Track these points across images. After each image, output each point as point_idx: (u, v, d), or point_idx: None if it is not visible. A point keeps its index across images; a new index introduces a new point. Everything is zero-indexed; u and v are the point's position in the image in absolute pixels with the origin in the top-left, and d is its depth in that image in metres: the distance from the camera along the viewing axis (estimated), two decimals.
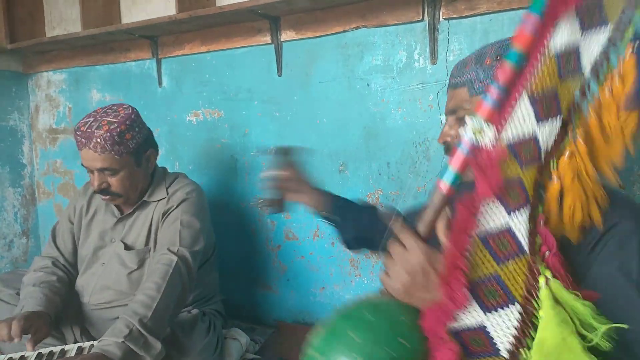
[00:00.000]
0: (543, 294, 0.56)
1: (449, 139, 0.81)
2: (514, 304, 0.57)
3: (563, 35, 0.54)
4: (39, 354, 1.17)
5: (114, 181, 1.27)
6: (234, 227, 1.85)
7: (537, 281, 0.57)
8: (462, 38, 1.40)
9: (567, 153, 0.56)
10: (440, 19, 1.41)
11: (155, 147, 1.40)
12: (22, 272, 1.50)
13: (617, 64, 0.54)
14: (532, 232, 0.58)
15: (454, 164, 0.61)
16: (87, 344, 1.20)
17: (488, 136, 0.57)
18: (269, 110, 1.74)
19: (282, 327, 1.75)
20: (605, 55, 0.54)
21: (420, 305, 0.64)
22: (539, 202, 0.59)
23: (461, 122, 0.78)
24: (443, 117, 1.46)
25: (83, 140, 1.22)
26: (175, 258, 1.20)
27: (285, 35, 1.65)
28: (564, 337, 0.53)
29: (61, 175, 2.31)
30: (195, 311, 1.36)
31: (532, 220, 0.58)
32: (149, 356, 1.06)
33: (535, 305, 0.56)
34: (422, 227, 0.65)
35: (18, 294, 1.32)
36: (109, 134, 1.21)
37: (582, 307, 0.54)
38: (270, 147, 1.12)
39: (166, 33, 1.86)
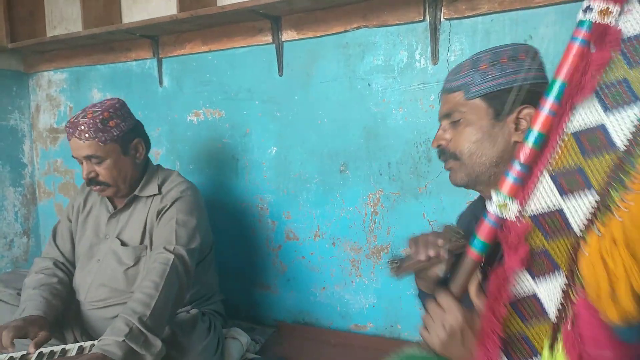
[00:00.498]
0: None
1: (443, 142, 0.83)
2: (538, 358, 0.64)
3: (582, 117, 0.58)
4: (40, 353, 1.17)
5: (101, 170, 1.29)
6: (234, 227, 1.85)
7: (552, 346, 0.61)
8: (463, 38, 1.40)
9: (598, 228, 0.57)
10: (442, 19, 1.41)
11: (144, 137, 1.40)
12: (23, 272, 1.50)
13: None
14: (565, 302, 0.61)
15: (481, 235, 0.67)
16: (87, 343, 1.20)
17: (512, 210, 0.63)
18: (269, 110, 1.74)
19: (282, 327, 1.75)
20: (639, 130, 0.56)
21: (456, 358, 0.71)
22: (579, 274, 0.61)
23: (455, 125, 0.80)
24: None
25: (70, 130, 1.27)
26: (172, 256, 1.20)
27: (286, 35, 1.65)
28: None
29: (62, 174, 2.31)
30: (194, 311, 1.36)
31: (570, 291, 0.61)
32: (149, 354, 1.05)
33: None
34: (455, 289, 0.72)
35: (19, 294, 1.32)
36: (92, 120, 1.25)
37: None
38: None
39: (167, 32, 1.86)
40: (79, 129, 1.25)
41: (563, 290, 0.61)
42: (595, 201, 0.58)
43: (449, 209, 1.47)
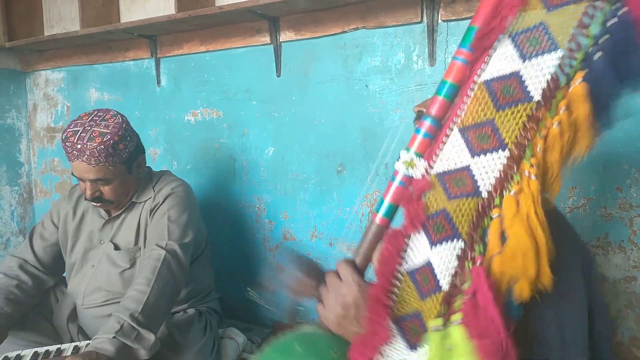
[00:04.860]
0: (431, 338, 0.53)
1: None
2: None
3: (496, 65, 0.53)
4: (35, 352, 1.17)
5: (106, 190, 1.27)
6: (231, 227, 1.85)
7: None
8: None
9: (513, 190, 0.51)
10: (439, 20, 1.41)
11: (144, 151, 1.39)
12: None
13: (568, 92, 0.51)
14: (461, 270, 0.54)
15: (386, 196, 0.60)
16: (83, 343, 1.20)
17: (419, 168, 0.58)
18: (267, 111, 1.74)
19: (280, 327, 1.75)
20: (556, 82, 0.50)
21: (351, 338, 0.62)
22: (480, 240, 0.54)
23: None
24: None
25: (75, 152, 1.20)
26: (163, 252, 1.20)
27: (285, 36, 1.65)
28: None
29: (59, 173, 2.30)
30: (191, 311, 1.37)
31: (466, 258, 0.53)
32: (142, 348, 1.05)
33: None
34: (358, 259, 0.64)
35: None
36: (102, 146, 1.19)
37: None
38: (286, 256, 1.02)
39: (165, 32, 1.86)
40: (87, 153, 1.19)
41: (458, 257, 0.53)
42: (506, 158, 0.52)
43: None
